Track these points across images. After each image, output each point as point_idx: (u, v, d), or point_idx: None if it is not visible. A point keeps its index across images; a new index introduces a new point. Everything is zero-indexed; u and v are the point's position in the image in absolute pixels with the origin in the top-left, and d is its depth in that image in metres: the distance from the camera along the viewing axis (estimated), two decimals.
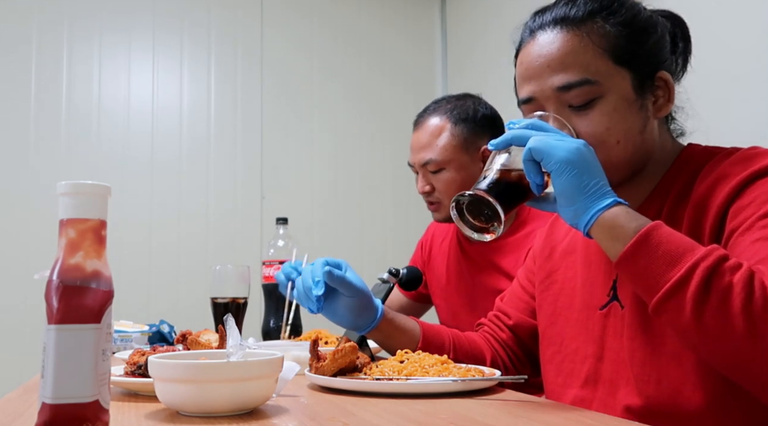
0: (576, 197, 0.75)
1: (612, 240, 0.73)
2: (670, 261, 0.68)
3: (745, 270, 0.66)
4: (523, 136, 0.77)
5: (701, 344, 0.68)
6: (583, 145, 0.76)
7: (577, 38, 0.86)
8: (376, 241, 3.12)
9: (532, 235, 1.44)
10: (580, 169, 0.74)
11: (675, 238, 0.70)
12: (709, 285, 0.66)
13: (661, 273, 0.68)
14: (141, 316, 1.84)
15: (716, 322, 0.65)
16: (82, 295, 0.53)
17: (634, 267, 0.71)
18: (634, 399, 0.86)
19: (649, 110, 0.88)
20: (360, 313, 1.05)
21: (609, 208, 0.74)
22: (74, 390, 0.52)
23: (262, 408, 0.76)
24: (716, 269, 0.66)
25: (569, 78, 0.85)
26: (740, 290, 0.65)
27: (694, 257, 0.67)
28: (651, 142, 0.90)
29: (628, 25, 0.87)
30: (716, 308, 0.65)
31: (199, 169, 2.95)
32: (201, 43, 3.00)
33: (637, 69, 0.87)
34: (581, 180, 0.74)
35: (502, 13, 2.77)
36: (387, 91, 3.25)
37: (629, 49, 0.86)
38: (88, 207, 0.55)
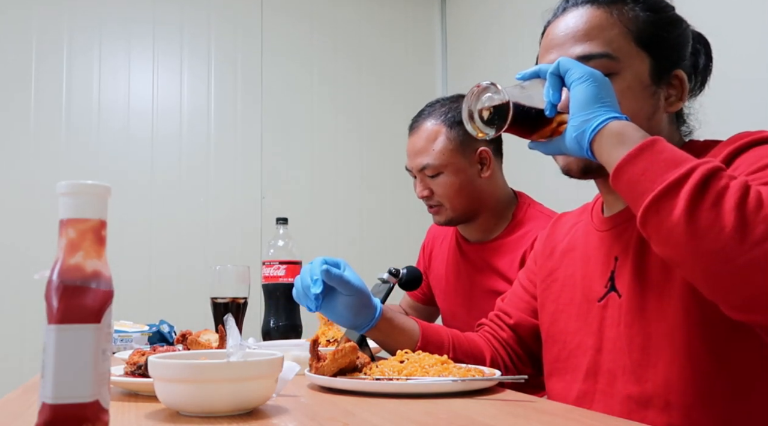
0: (591, 105, 0.78)
1: (617, 145, 0.75)
2: (670, 165, 0.69)
3: (742, 180, 0.67)
4: (549, 67, 0.82)
5: (686, 243, 0.66)
6: (603, 75, 0.81)
7: (605, 15, 0.90)
8: (376, 241, 3.12)
9: (527, 236, 1.44)
10: (600, 84, 0.79)
11: (678, 150, 0.72)
12: (705, 185, 0.66)
13: (659, 174, 0.69)
14: (141, 316, 1.84)
15: (707, 218, 0.65)
16: (82, 295, 0.53)
17: (633, 170, 0.72)
18: (632, 387, 0.86)
19: (660, 101, 0.91)
20: (358, 311, 1.05)
21: (619, 120, 0.77)
22: (74, 390, 0.52)
23: (262, 408, 0.76)
24: (715, 173, 0.67)
25: (591, 49, 0.89)
26: (735, 191, 0.65)
27: (695, 161, 0.68)
28: (657, 132, 0.91)
29: (656, 12, 0.92)
30: (710, 205, 0.65)
31: (199, 169, 2.95)
32: (201, 43, 3.00)
33: (658, 56, 0.90)
34: (600, 92, 0.78)
35: (503, 14, 2.77)
36: (387, 92, 3.25)
37: (654, 34, 0.90)
38: (88, 207, 0.55)
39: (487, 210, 1.52)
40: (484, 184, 1.51)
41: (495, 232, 1.53)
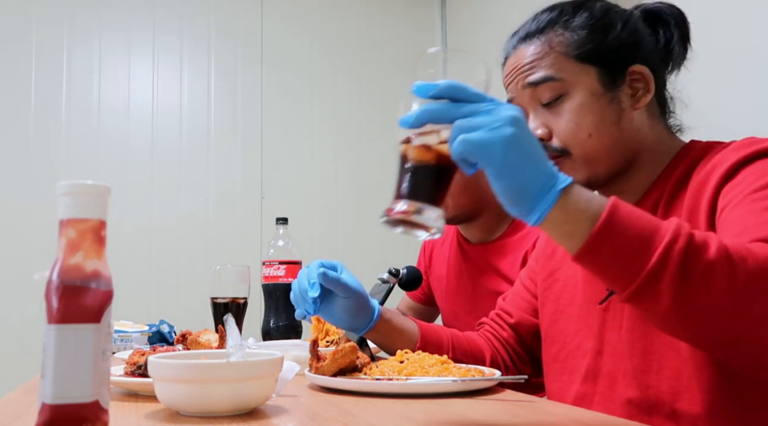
0: (519, 199, 0.62)
1: (567, 237, 0.63)
2: (638, 247, 0.60)
3: (718, 245, 0.61)
4: (440, 114, 0.62)
5: (684, 329, 0.64)
6: (516, 120, 0.61)
7: (540, 46, 0.93)
8: (376, 242, 3.12)
9: (528, 236, 1.44)
10: (520, 162, 0.61)
11: (634, 219, 0.62)
12: (686, 269, 0.59)
13: (630, 262, 0.61)
14: (141, 316, 1.84)
15: (701, 306, 0.61)
16: (82, 295, 0.53)
17: (597, 260, 0.63)
18: (633, 391, 0.86)
19: (623, 103, 0.91)
20: (356, 314, 1.05)
21: (557, 201, 0.61)
22: (74, 390, 0.52)
23: (262, 408, 0.76)
24: (690, 250, 0.60)
25: (535, 77, 0.92)
26: (721, 268, 0.60)
27: (665, 241, 0.60)
28: (633, 133, 0.92)
29: (585, 27, 0.92)
30: (699, 292, 0.60)
31: (199, 169, 2.95)
32: (201, 43, 3.00)
33: (603, 64, 0.91)
34: (524, 178, 0.61)
35: (502, 13, 2.77)
36: (387, 92, 3.25)
37: (591, 47, 0.91)
38: (88, 207, 0.55)
39: (489, 210, 1.52)
40: (486, 184, 1.51)
41: (496, 232, 1.53)
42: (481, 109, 0.61)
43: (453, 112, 0.62)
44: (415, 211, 0.64)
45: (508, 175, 0.60)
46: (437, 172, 0.66)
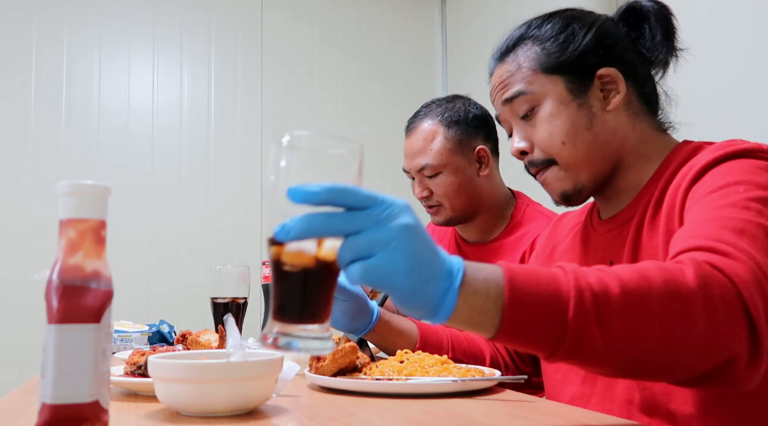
0: (420, 309, 0.58)
1: (478, 327, 0.60)
2: (551, 315, 0.58)
3: (619, 283, 0.59)
4: (327, 228, 0.55)
5: (619, 370, 0.63)
6: (410, 228, 0.56)
7: (511, 64, 0.97)
8: None
9: (526, 236, 1.44)
10: (421, 278, 0.56)
11: (534, 284, 0.59)
12: (601, 319, 0.58)
13: (548, 330, 0.58)
14: (141, 316, 1.84)
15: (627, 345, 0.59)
16: (82, 295, 0.53)
17: (514, 340, 0.60)
18: (632, 392, 0.86)
19: (593, 107, 0.93)
20: (355, 316, 1.05)
21: (458, 299, 0.57)
22: (74, 390, 0.52)
23: (262, 408, 0.76)
24: (598, 299, 0.58)
25: (508, 94, 0.96)
26: (628, 304, 0.59)
27: (572, 303, 0.58)
28: (610, 135, 0.93)
29: (549, 39, 0.95)
30: (622, 334, 0.59)
31: (199, 169, 2.95)
32: (201, 43, 3.00)
33: (569, 72, 0.93)
34: (426, 290, 0.56)
35: (503, 13, 2.77)
36: (387, 92, 3.25)
37: (554, 58, 0.94)
38: (88, 207, 0.55)
39: (486, 209, 1.52)
40: (483, 183, 1.51)
41: (494, 232, 1.53)
42: (373, 220, 0.54)
43: (341, 225, 0.54)
44: (299, 335, 0.56)
45: (410, 294, 0.56)
46: (320, 281, 0.58)
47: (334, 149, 0.59)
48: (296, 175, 0.57)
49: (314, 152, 0.60)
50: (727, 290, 0.61)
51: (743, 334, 0.60)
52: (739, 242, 0.66)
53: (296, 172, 0.57)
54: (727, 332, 0.60)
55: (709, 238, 0.67)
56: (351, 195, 0.55)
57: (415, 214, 0.57)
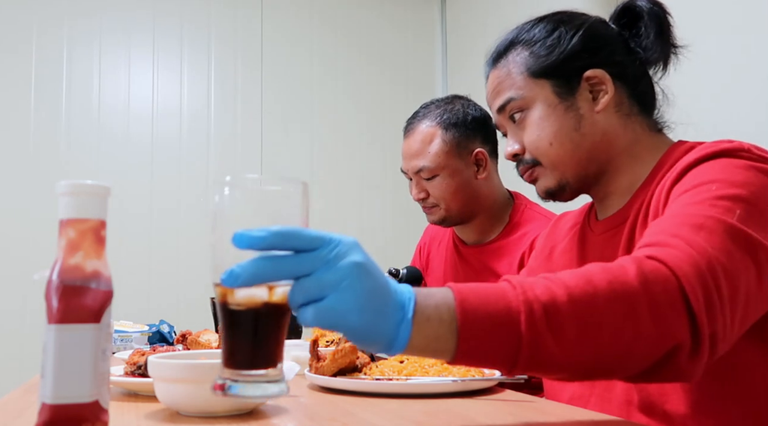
0: (375, 345, 0.58)
1: (434, 354, 0.60)
2: (504, 334, 0.59)
3: (566, 291, 0.60)
4: (276, 274, 0.54)
5: (576, 376, 0.65)
6: (359, 266, 0.56)
7: (502, 69, 0.99)
8: (377, 242, 3.12)
9: (525, 237, 1.44)
10: (375, 315, 0.56)
11: (483, 304, 0.60)
12: (553, 329, 0.59)
13: (503, 348, 0.59)
14: (141, 316, 1.84)
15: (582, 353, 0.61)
16: (81, 295, 0.53)
17: (469, 361, 0.61)
18: (631, 393, 0.86)
19: (581, 108, 0.94)
20: None
21: (412, 329, 0.57)
22: (74, 390, 0.52)
23: (262, 408, 0.76)
24: (547, 310, 0.59)
25: (501, 101, 0.99)
26: (574, 310, 0.60)
27: (522, 316, 0.59)
28: (599, 136, 0.94)
29: (536, 43, 0.96)
30: (577, 343, 0.60)
31: (199, 169, 2.95)
32: (201, 44, 3.00)
33: (556, 76, 0.94)
34: (379, 326, 0.56)
35: (502, 12, 2.77)
36: (387, 92, 3.25)
37: (540, 63, 0.95)
38: (88, 207, 0.55)
39: (484, 211, 1.52)
40: (481, 186, 1.51)
41: (492, 233, 1.53)
42: (322, 261, 0.54)
43: (290, 269, 0.54)
44: (253, 381, 0.55)
45: (365, 332, 0.56)
46: (272, 323, 0.57)
47: (276, 189, 0.60)
48: (238, 215, 0.57)
49: (256, 193, 0.59)
50: (669, 282, 0.62)
51: (684, 324, 0.62)
52: (694, 237, 0.67)
53: (238, 213, 0.57)
54: (671, 323, 0.62)
55: (664, 233, 0.69)
56: (297, 237, 0.54)
57: (363, 250, 0.57)
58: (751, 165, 0.77)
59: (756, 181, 0.75)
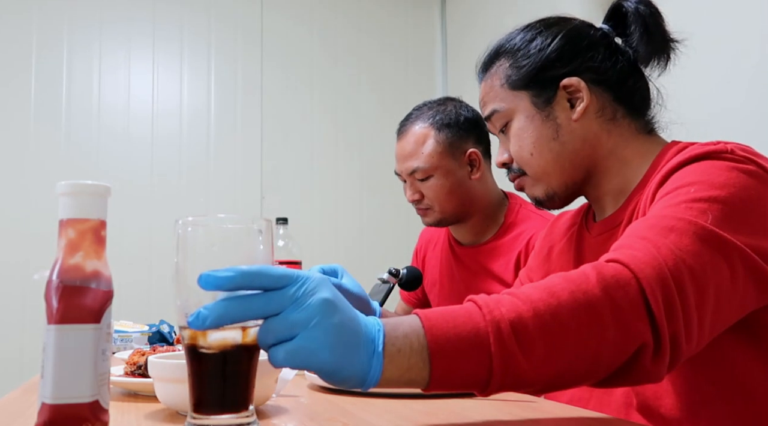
0: (347, 382, 0.58)
1: (409, 384, 0.60)
2: (475, 357, 0.59)
3: (531, 308, 0.60)
4: (244, 314, 0.54)
5: (547, 388, 0.65)
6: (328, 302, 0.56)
7: (487, 81, 1.02)
8: (377, 241, 3.12)
9: (520, 237, 1.44)
10: (345, 350, 0.56)
11: (452, 328, 0.59)
12: (523, 347, 0.59)
13: (473, 374, 0.59)
14: (141, 316, 1.84)
15: (552, 366, 0.61)
16: (81, 295, 0.53)
17: (443, 387, 0.61)
18: (630, 397, 0.86)
19: (558, 118, 0.95)
20: None
21: (383, 362, 0.57)
22: (74, 390, 0.52)
23: (262, 408, 0.76)
24: (515, 329, 0.59)
25: (486, 112, 1.01)
26: (542, 326, 0.60)
27: (491, 338, 0.59)
28: (579, 143, 0.94)
29: (515, 54, 0.98)
30: (547, 357, 0.60)
31: (199, 169, 2.95)
32: (201, 43, 3.00)
33: (532, 87, 0.96)
34: (351, 362, 0.56)
35: (503, 16, 2.77)
36: (387, 92, 3.25)
37: (518, 74, 0.97)
38: (88, 207, 0.55)
39: (478, 212, 1.52)
40: (475, 186, 1.51)
41: (487, 234, 1.53)
42: (290, 300, 0.54)
43: (259, 309, 0.54)
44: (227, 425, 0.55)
45: (337, 369, 0.56)
46: (242, 366, 0.57)
47: (238, 227, 0.59)
48: (201, 256, 0.57)
49: (219, 231, 0.60)
50: (629, 285, 0.63)
51: (645, 325, 0.62)
52: (662, 239, 0.67)
53: (201, 253, 0.58)
54: (633, 326, 0.62)
55: (634, 236, 0.69)
56: (264, 276, 0.54)
57: (331, 285, 0.58)
58: (733, 166, 0.76)
59: (737, 182, 0.74)
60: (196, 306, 0.54)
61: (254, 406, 0.72)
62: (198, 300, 0.55)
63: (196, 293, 0.55)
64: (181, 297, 0.57)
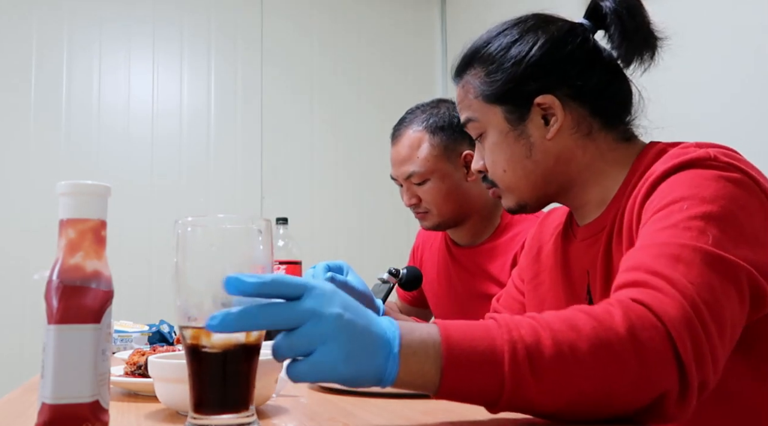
0: (362, 385, 0.60)
1: (421, 388, 0.61)
2: (487, 373, 0.59)
3: (552, 338, 0.60)
4: (265, 321, 0.56)
5: (557, 417, 0.64)
6: (340, 318, 0.57)
7: (461, 87, 0.99)
8: (376, 241, 3.12)
9: (517, 238, 1.44)
10: (362, 357, 0.57)
11: (468, 340, 0.60)
12: (535, 373, 0.59)
13: (485, 389, 0.60)
14: (141, 316, 1.84)
15: (562, 396, 0.60)
16: (81, 295, 0.53)
17: (452, 398, 0.62)
18: None
19: (532, 136, 0.93)
20: None
21: (399, 365, 0.59)
22: (74, 390, 0.52)
23: (262, 408, 0.76)
24: (531, 355, 0.59)
25: (463, 118, 1.00)
26: (562, 357, 0.59)
27: (506, 358, 0.59)
28: (551, 162, 0.93)
29: (491, 63, 0.95)
30: (555, 387, 0.60)
31: (199, 170, 2.95)
32: (201, 43, 3.00)
33: (506, 103, 0.93)
34: (368, 366, 0.58)
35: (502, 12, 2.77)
36: (387, 92, 3.25)
37: (492, 88, 0.94)
38: (88, 207, 0.55)
39: (475, 213, 1.52)
40: (471, 188, 1.50)
41: (484, 235, 1.53)
42: (308, 314, 0.56)
43: (281, 321, 0.56)
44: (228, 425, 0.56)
45: (353, 377, 0.58)
46: (244, 365, 0.57)
47: (238, 228, 0.60)
48: (201, 255, 0.58)
49: (218, 231, 0.60)
50: (657, 331, 0.61)
51: (672, 372, 0.61)
52: (673, 273, 0.66)
53: (201, 253, 0.58)
54: (658, 372, 0.61)
55: (644, 269, 0.68)
56: (284, 286, 0.56)
57: (344, 295, 0.59)
58: (719, 175, 0.76)
59: (725, 192, 0.74)
60: (196, 306, 0.55)
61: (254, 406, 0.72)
62: (198, 300, 0.55)
63: (196, 293, 0.55)
64: (181, 297, 0.57)
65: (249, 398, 0.58)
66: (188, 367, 0.57)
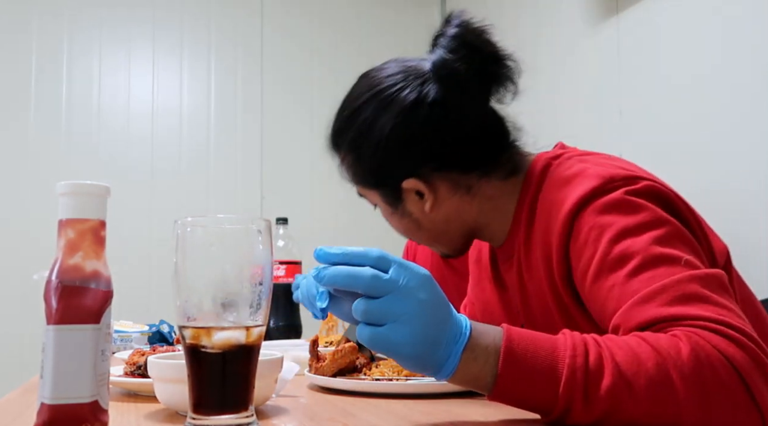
0: (421, 372, 0.64)
1: (475, 387, 0.63)
2: (542, 387, 0.60)
3: (612, 368, 0.60)
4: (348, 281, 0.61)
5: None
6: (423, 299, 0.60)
7: (341, 162, 0.98)
8: (376, 241, 3.11)
9: None
10: (421, 351, 0.59)
11: (531, 353, 0.61)
12: (589, 401, 0.59)
13: (538, 402, 0.62)
14: (141, 316, 1.84)
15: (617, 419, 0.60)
16: (81, 296, 0.53)
17: (504, 402, 0.63)
18: None
19: (413, 213, 0.93)
20: None
21: (457, 368, 0.61)
22: (73, 390, 0.52)
23: (262, 408, 0.76)
24: (589, 381, 0.59)
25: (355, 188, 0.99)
26: (619, 391, 0.59)
27: (564, 378, 0.59)
28: (442, 225, 0.94)
29: (355, 150, 0.93)
30: (606, 417, 0.60)
31: (199, 170, 2.95)
32: (201, 44, 3.00)
33: (379, 188, 0.94)
34: (426, 360, 0.60)
35: (502, 12, 2.77)
36: None
37: (361, 177, 0.95)
38: (88, 207, 0.55)
39: None
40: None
41: None
42: (392, 287, 0.59)
43: (364, 285, 0.59)
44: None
45: (414, 362, 0.61)
46: (243, 366, 0.58)
47: (236, 227, 0.60)
48: (200, 255, 0.58)
49: (217, 231, 0.60)
50: (729, 376, 0.60)
51: (753, 420, 0.60)
52: (703, 311, 0.64)
53: (200, 253, 0.58)
54: (727, 419, 0.60)
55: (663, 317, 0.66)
56: (364, 257, 0.61)
57: (433, 284, 0.62)
58: (626, 197, 0.76)
59: (655, 210, 0.75)
60: (196, 306, 0.55)
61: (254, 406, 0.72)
62: (198, 300, 0.55)
63: (195, 293, 0.55)
64: (181, 297, 0.57)
65: (248, 398, 0.57)
66: (188, 368, 0.57)
